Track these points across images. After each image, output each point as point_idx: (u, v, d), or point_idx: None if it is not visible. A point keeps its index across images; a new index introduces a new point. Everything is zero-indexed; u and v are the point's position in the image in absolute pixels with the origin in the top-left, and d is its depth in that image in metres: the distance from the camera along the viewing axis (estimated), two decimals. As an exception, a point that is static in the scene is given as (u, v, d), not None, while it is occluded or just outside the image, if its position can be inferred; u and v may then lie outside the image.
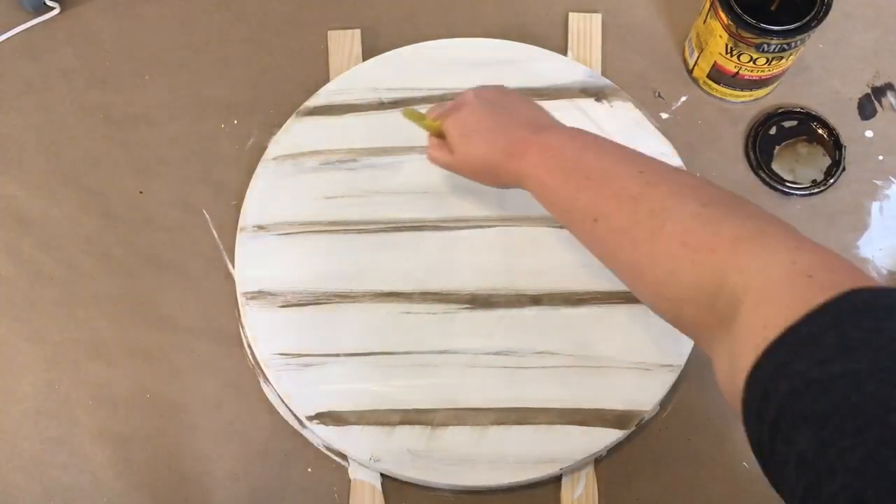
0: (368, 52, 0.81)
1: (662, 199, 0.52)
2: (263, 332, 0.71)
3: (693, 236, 0.49)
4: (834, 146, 0.77)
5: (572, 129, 0.62)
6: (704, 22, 0.75)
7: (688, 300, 0.49)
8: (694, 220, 0.50)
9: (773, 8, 0.73)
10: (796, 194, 0.77)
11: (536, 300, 0.71)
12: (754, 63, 0.74)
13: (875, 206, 0.76)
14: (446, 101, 0.68)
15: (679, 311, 0.51)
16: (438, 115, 0.67)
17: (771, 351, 0.41)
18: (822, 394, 0.38)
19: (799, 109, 0.79)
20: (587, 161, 0.57)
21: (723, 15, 0.71)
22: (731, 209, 0.50)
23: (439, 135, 0.67)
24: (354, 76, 0.79)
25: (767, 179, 0.77)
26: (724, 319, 0.47)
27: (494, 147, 0.62)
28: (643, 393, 0.68)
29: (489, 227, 0.73)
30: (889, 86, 0.81)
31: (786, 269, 0.44)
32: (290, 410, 0.69)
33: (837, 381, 0.38)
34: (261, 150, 0.77)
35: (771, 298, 0.43)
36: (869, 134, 0.79)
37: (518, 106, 0.65)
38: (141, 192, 0.77)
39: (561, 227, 0.72)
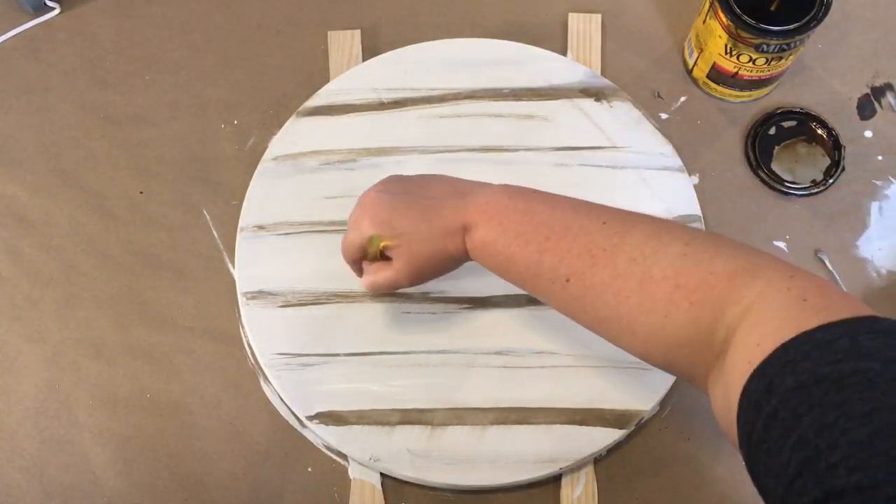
0: (368, 52, 0.81)
1: (640, 246, 0.50)
2: (263, 332, 0.71)
3: (687, 277, 0.48)
4: (833, 146, 0.78)
5: (504, 186, 0.58)
6: (704, 22, 0.75)
7: (684, 342, 0.48)
8: (683, 261, 0.48)
9: (772, 8, 0.73)
10: (796, 194, 0.77)
11: (536, 300, 0.71)
12: (754, 63, 0.74)
13: (874, 206, 0.77)
14: (350, 222, 0.62)
15: (674, 354, 0.50)
16: (358, 230, 0.60)
17: (781, 349, 0.41)
18: (832, 388, 0.38)
19: (798, 109, 0.79)
20: (540, 220, 0.54)
21: (722, 15, 0.71)
22: (714, 245, 0.49)
23: (377, 255, 0.61)
24: (354, 76, 0.79)
25: (767, 179, 0.77)
26: (720, 353, 0.46)
27: (432, 232, 0.58)
28: (643, 393, 0.68)
29: (489, 227, 0.73)
30: (888, 86, 0.81)
31: (783, 295, 0.44)
32: (290, 410, 0.69)
33: (848, 377, 0.38)
34: (261, 150, 0.77)
35: (766, 320, 0.43)
36: (868, 134, 0.79)
37: (429, 182, 0.61)
38: (141, 192, 0.77)
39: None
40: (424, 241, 0.58)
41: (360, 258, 0.62)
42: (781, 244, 0.75)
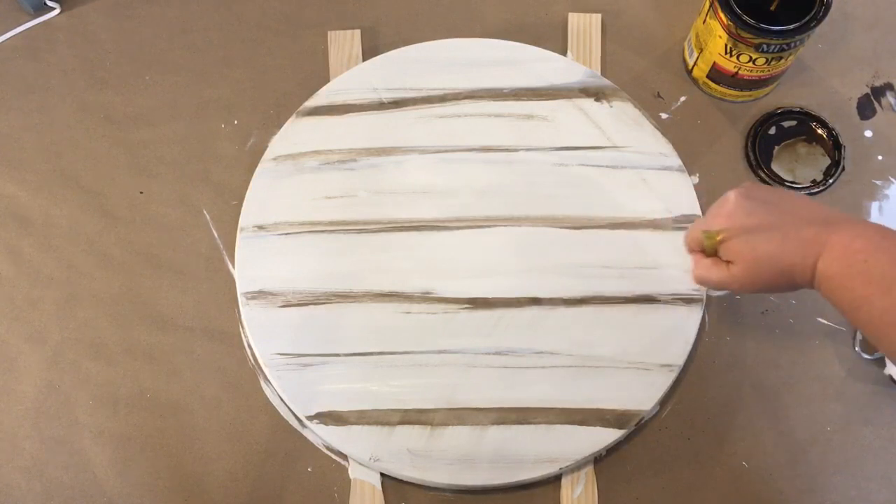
0: (368, 52, 0.81)
1: None
2: (263, 332, 0.71)
3: None
4: (833, 146, 0.78)
5: (877, 225, 0.55)
6: (704, 22, 0.75)
7: None
8: None
9: (772, 8, 0.73)
10: (796, 194, 0.77)
11: (536, 300, 0.71)
12: (754, 63, 0.74)
13: (874, 205, 0.77)
14: (705, 217, 0.62)
15: None
16: (706, 225, 0.61)
17: None
18: None
19: (798, 109, 0.79)
20: None
21: (722, 15, 0.71)
22: None
23: (714, 251, 0.61)
24: (354, 76, 0.79)
25: (767, 179, 0.77)
26: None
27: (784, 247, 0.56)
28: (643, 393, 0.68)
29: (489, 227, 0.73)
30: (888, 86, 0.81)
31: None
32: (290, 410, 0.69)
33: None
34: (261, 150, 0.77)
35: None
36: (868, 134, 0.79)
37: (793, 200, 0.59)
38: (141, 192, 0.77)
39: (561, 227, 0.73)
40: (771, 251, 0.57)
41: (701, 251, 0.62)
42: (781, 244, 0.75)
